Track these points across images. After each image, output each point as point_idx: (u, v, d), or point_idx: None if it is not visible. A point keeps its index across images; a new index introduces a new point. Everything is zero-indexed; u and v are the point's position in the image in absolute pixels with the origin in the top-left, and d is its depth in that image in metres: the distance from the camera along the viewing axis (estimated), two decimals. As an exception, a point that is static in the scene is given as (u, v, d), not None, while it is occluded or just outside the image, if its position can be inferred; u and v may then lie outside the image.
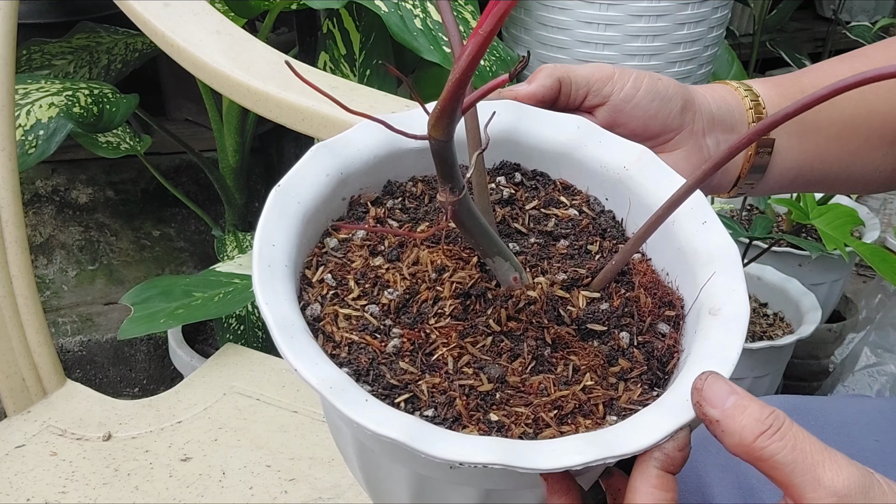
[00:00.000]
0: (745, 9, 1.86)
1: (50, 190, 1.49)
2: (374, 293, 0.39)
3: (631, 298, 0.41)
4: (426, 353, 0.37)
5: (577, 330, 0.39)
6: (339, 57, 1.16)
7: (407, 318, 0.38)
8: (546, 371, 0.37)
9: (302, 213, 0.40)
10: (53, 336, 1.43)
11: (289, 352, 0.35)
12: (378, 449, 0.38)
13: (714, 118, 0.52)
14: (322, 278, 0.40)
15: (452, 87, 0.29)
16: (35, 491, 0.71)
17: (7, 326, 0.79)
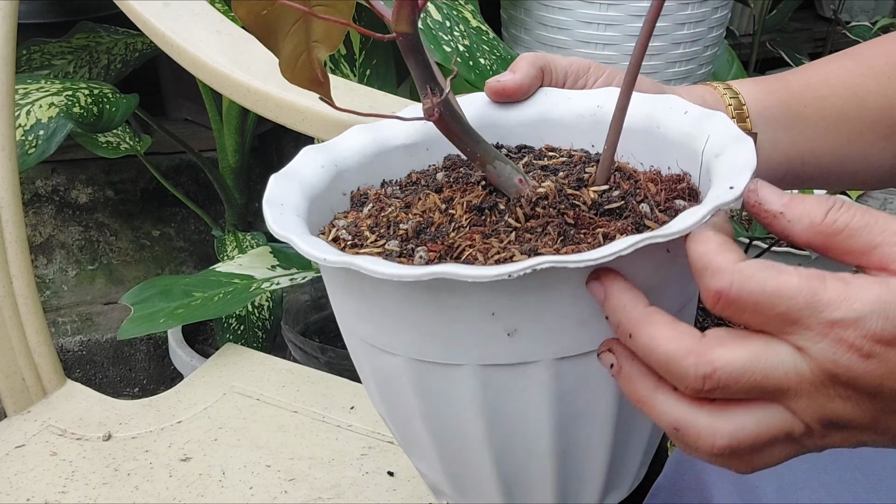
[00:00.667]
0: (745, 9, 1.86)
1: (50, 190, 1.49)
2: (391, 232, 0.40)
3: (640, 184, 0.40)
4: (454, 256, 0.37)
5: (596, 214, 0.38)
6: (339, 57, 1.16)
7: (427, 237, 0.39)
8: (577, 243, 0.37)
9: (306, 190, 0.41)
10: (53, 336, 1.43)
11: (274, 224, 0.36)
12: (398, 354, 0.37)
13: None
14: (337, 236, 0.40)
15: None
16: (35, 491, 0.71)
17: (7, 326, 0.79)
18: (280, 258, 1.08)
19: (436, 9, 1.07)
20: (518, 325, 0.35)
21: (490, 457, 0.39)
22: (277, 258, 1.08)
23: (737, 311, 0.33)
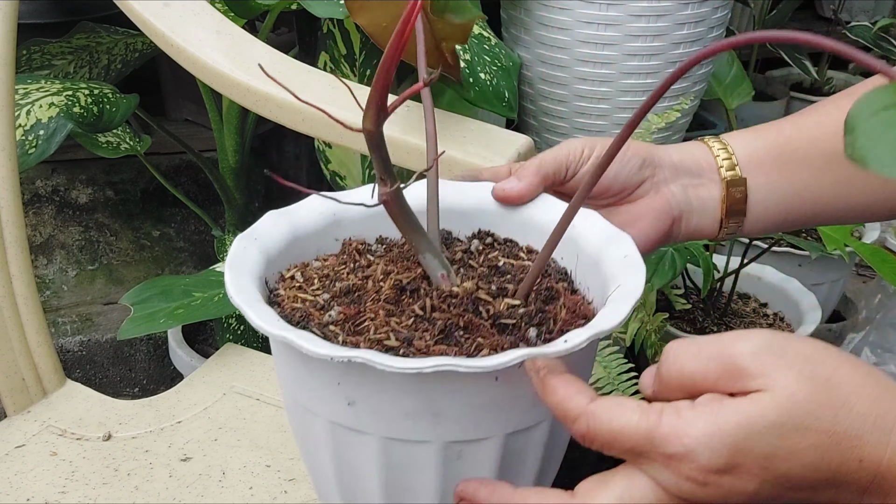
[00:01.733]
0: (745, 9, 1.86)
1: (50, 190, 1.49)
2: (330, 285, 0.47)
3: (549, 310, 0.46)
4: (355, 323, 0.44)
5: (491, 324, 0.44)
6: (340, 57, 1.16)
7: (348, 300, 0.46)
8: (452, 344, 0.42)
9: (264, 252, 0.48)
10: (53, 336, 1.43)
11: (231, 286, 0.42)
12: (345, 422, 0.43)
13: (677, 168, 0.57)
14: (293, 275, 0.48)
15: (377, 90, 0.35)
16: (35, 491, 0.71)
17: (7, 326, 0.79)
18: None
19: (436, 9, 1.07)
20: (356, 399, 0.41)
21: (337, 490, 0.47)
22: (277, 258, 1.08)
23: (602, 446, 0.38)
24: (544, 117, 1.31)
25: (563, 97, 1.27)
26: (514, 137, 0.70)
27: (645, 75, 1.23)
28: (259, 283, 0.46)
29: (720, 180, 0.57)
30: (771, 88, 1.89)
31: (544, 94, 1.28)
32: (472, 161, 0.67)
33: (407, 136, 0.69)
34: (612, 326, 0.40)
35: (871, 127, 0.31)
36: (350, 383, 0.41)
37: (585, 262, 0.49)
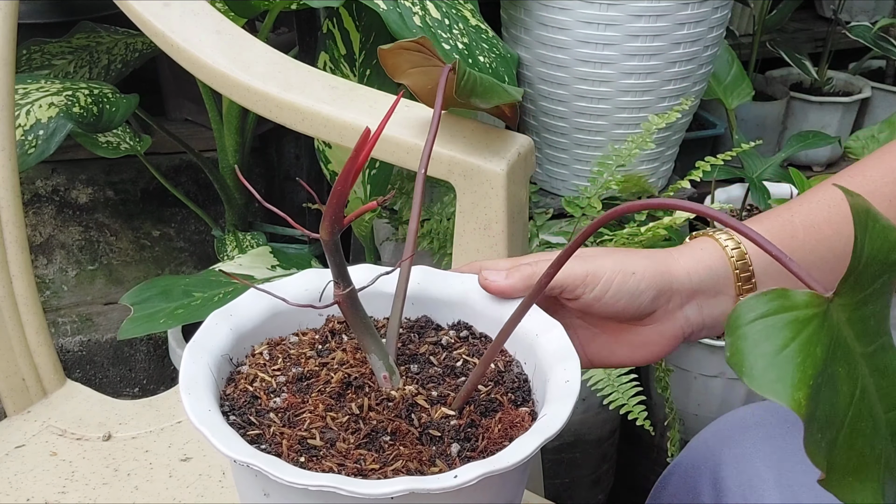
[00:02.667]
0: (745, 9, 1.86)
1: (50, 190, 1.49)
2: (288, 368, 0.50)
3: (483, 423, 0.46)
4: (294, 413, 0.47)
5: (420, 433, 0.45)
6: (339, 57, 1.16)
7: (296, 388, 0.48)
8: (373, 450, 0.44)
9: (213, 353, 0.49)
10: (53, 336, 1.43)
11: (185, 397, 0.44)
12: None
13: (694, 290, 0.55)
14: (261, 351, 0.51)
15: (333, 204, 0.39)
16: (35, 491, 0.71)
17: (7, 326, 0.79)
18: (280, 258, 1.08)
19: (435, 7, 1.07)
20: (270, 492, 0.43)
21: None
22: (277, 258, 1.08)
23: None
24: (544, 117, 1.31)
25: (563, 97, 1.27)
26: (514, 137, 0.70)
27: (645, 75, 1.23)
28: (217, 366, 0.48)
29: (735, 297, 0.55)
30: (771, 88, 1.89)
31: (544, 94, 1.28)
32: (472, 161, 0.67)
33: (407, 135, 0.69)
34: (508, 465, 0.40)
35: (747, 334, 0.31)
36: (264, 479, 0.42)
37: (539, 376, 0.49)
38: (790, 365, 0.31)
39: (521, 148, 0.69)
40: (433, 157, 0.68)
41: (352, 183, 0.38)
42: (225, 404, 0.47)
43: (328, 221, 0.40)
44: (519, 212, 0.71)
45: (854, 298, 0.34)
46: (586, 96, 1.25)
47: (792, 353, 0.31)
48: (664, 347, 0.56)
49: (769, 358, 0.31)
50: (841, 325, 0.33)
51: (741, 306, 0.32)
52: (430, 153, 0.54)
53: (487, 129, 0.71)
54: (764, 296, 0.32)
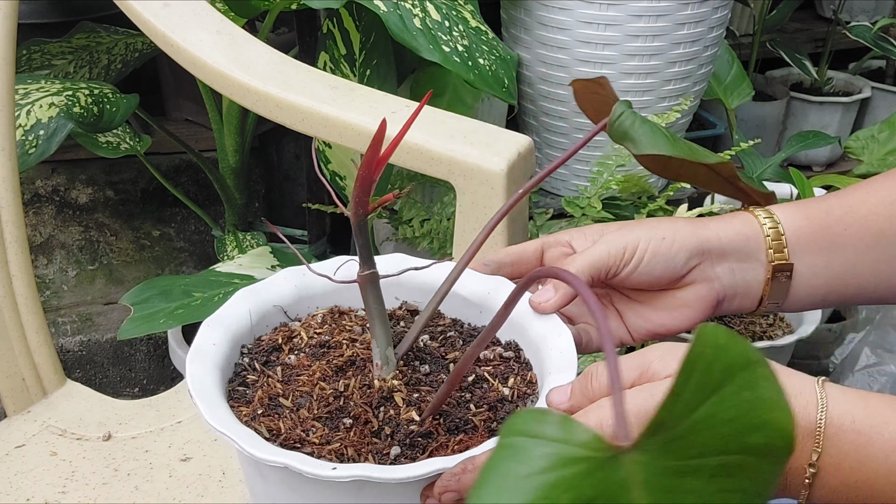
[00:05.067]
0: (745, 9, 1.86)
1: (50, 190, 1.49)
2: (325, 334, 0.53)
3: (440, 438, 0.47)
4: (297, 372, 0.50)
5: (378, 427, 0.47)
6: (339, 57, 1.16)
7: (313, 353, 0.51)
8: (327, 427, 0.46)
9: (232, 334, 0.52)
10: (53, 336, 1.43)
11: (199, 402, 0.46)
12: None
13: (724, 251, 0.56)
14: (319, 314, 0.55)
15: (359, 189, 0.42)
16: (35, 491, 0.71)
17: (7, 326, 0.79)
18: (280, 258, 1.08)
19: (435, 9, 1.07)
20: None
21: None
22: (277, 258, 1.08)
23: None
24: (544, 117, 1.31)
25: (563, 97, 1.27)
26: (514, 137, 0.70)
27: (645, 75, 1.23)
28: (233, 339, 0.51)
29: (767, 263, 0.56)
30: (771, 88, 1.89)
31: (544, 94, 1.28)
32: (471, 161, 0.67)
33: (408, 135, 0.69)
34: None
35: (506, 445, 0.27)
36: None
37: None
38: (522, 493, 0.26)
39: (521, 148, 0.69)
40: (433, 157, 0.68)
41: (376, 170, 0.41)
42: (252, 348, 0.51)
43: (355, 205, 0.42)
44: (519, 212, 0.71)
45: (664, 463, 0.28)
46: (586, 96, 1.25)
47: (534, 485, 0.26)
48: (699, 311, 0.56)
49: (512, 479, 0.26)
50: (630, 485, 0.27)
51: (519, 414, 0.28)
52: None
53: (487, 129, 0.71)
54: (545, 415, 0.28)
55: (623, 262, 0.54)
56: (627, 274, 0.54)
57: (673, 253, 0.54)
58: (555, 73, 1.25)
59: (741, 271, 0.56)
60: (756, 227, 0.56)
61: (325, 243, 1.39)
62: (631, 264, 0.54)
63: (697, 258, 0.55)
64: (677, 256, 0.54)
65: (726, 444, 0.28)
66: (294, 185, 1.63)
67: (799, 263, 0.56)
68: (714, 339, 0.28)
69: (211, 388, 0.47)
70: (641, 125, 0.53)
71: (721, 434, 0.28)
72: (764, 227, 0.56)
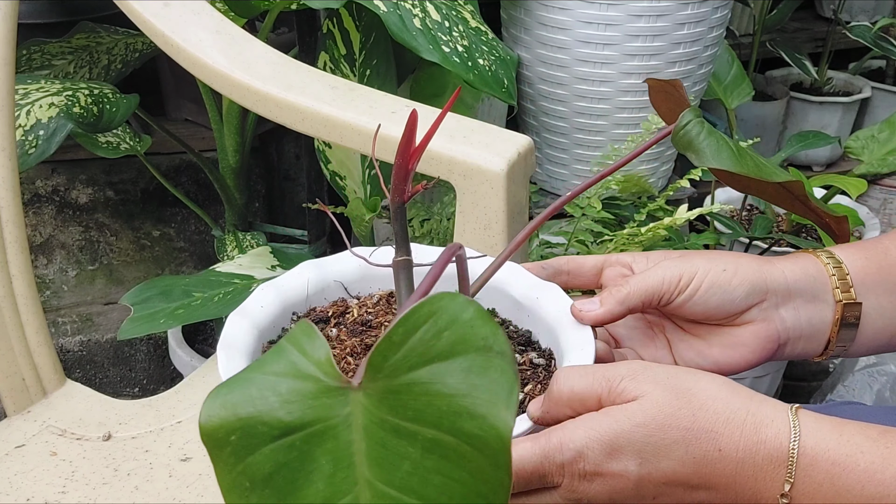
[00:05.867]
0: (745, 9, 1.86)
1: (50, 190, 1.49)
2: (375, 314, 0.54)
3: None
4: (331, 344, 0.51)
5: None
6: (339, 57, 1.16)
7: (354, 329, 0.53)
8: None
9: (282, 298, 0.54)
10: (53, 336, 1.43)
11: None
12: None
13: (790, 291, 0.54)
14: (377, 295, 0.56)
15: (397, 177, 0.44)
16: (35, 491, 0.71)
17: (7, 326, 0.79)
18: (280, 258, 1.08)
19: (435, 9, 1.07)
20: None
21: None
22: (277, 258, 1.08)
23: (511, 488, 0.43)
24: (544, 117, 1.31)
25: (563, 97, 1.27)
26: (514, 137, 0.70)
27: (645, 75, 1.22)
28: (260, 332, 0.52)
29: (834, 303, 0.54)
30: (771, 88, 1.89)
31: (544, 94, 1.28)
32: (471, 161, 0.67)
33: (407, 136, 0.69)
34: None
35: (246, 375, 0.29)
36: None
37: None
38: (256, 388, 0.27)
39: (521, 148, 0.69)
40: (433, 157, 0.68)
41: (412, 160, 0.43)
42: (302, 316, 0.54)
43: (395, 193, 0.45)
44: (519, 212, 0.71)
45: (382, 414, 0.28)
46: (586, 96, 1.25)
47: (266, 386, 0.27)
48: (757, 352, 0.54)
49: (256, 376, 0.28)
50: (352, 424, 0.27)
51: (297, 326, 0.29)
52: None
53: (488, 128, 0.71)
54: (314, 333, 0.29)
55: (678, 289, 0.52)
56: (682, 302, 0.52)
57: (733, 286, 0.52)
58: (555, 73, 1.25)
59: (807, 311, 0.54)
60: (820, 267, 0.54)
61: (325, 243, 1.39)
62: (686, 293, 0.52)
63: (759, 295, 0.53)
64: (737, 290, 0.52)
65: (440, 420, 0.27)
66: (294, 185, 1.63)
67: (865, 303, 0.54)
68: (459, 309, 0.28)
69: (241, 345, 0.48)
70: (707, 137, 0.52)
71: (436, 406, 0.27)
72: (828, 266, 0.54)
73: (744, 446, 0.42)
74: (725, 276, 0.52)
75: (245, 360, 0.48)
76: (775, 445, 0.42)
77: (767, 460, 0.42)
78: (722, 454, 0.42)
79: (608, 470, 0.42)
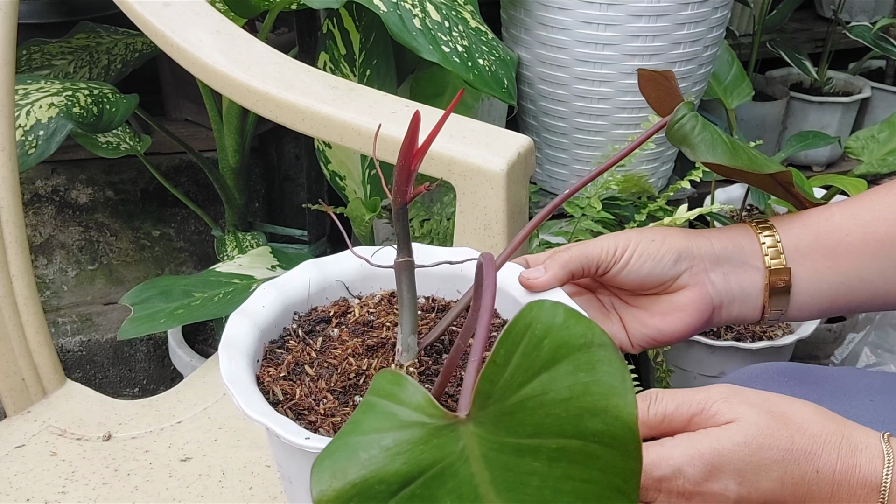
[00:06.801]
0: (745, 9, 1.86)
1: (50, 190, 1.49)
2: (377, 314, 0.54)
3: None
4: (334, 346, 0.52)
5: None
6: (339, 57, 1.16)
7: (355, 329, 0.53)
8: (335, 398, 0.49)
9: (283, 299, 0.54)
10: (53, 336, 1.43)
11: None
12: None
13: (717, 256, 0.57)
14: (378, 295, 0.56)
15: (399, 178, 0.44)
16: (35, 491, 0.71)
17: (7, 326, 0.79)
18: (280, 258, 1.08)
19: (435, 9, 1.07)
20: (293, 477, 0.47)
21: None
22: (277, 258, 1.08)
23: None
24: (544, 117, 1.31)
25: (563, 97, 1.27)
26: (514, 137, 0.70)
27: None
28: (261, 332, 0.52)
29: (764, 268, 0.57)
30: (771, 88, 1.89)
31: (544, 94, 1.28)
32: (471, 161, 0.67)
33: (407, 136, 0.69)
34: None
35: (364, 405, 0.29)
36: None
37: None
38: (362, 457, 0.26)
39: (521, 148, 0.69)
40: (433, 157, 0.68)
41: (414, 161, 0.44)
42: (303, 316, 0.54)
43: (397, 194, 0.45)
44: (519, 212, 0.71)
45: (500, 438, 0.27)
46: (586, 96, 1.25)
47: (371, 451, 0.26)
48: (693, 315, 0.57)
49: (352, 443, 0.27)
50: (469, 457, 0.27)
51: (378, 378, 0.28)
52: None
53: (488, 128, 0.71)
54: (399, 377, 0.28)
55: (613, 259, 0.56)
56: (616, 272, 0.56)
57: (661, 254, 0.56)
58: (555, 73, 1.25)
59: (737, 278, 0.57)
60: (752, 236, 0.58)
61: (325, 243, 1.39)
62: (620, 262, 0.56)
63: (687, 262, 0.56)
64: (665, 257, 0.56)
65: (562, 427, 0.27)
66: (294, 185, 1.63)
67: (799, 268, 0.56)
68: (550, 315, 0.28)
69: (242, 346, 0.49)
70: (702, 131, 0.53)
71: (555, 415, 0.27)
72: (760, 235, 0.57)
73: (840, 469, 0.43)
74: (654, 246, 0.56)
75: (246, 360, 0.48)
76: (870, 470, 0.43)
77: (861, 484, 0.43)
78: (819, 476, 0.43)
79: (708, 489, 0.43)
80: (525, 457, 0.27)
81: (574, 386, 0.27)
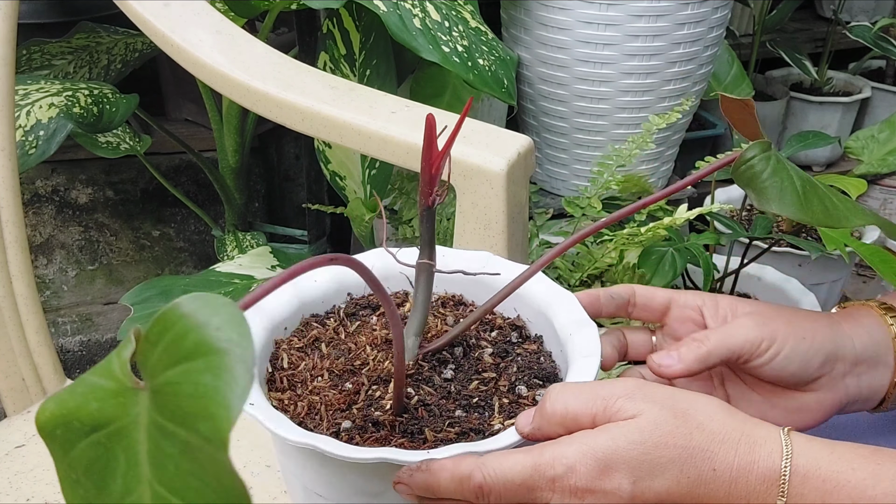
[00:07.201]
0: (745, 9, 1.86)
1: (50, 190, 1.49)
2: (353, 328, 0.55)
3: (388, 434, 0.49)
4: (346, 336, 0.53)
5: (361, 399, 0.49)
6: (339, 57, 1.16)
7: (366, 315, 0.55)
8: (339, 383, 0.50)
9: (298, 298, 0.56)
10: (53, 336, 1.43)
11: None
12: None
13: (858, 358, 0.53)
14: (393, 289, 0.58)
15: (424, 181, 0.47)
16: (35, 491, 0.71)
17: (7, 326, 0.79)
18: (280, 258, 1.08)
19: (435, 9, 1.07)
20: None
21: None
22: (277, 258, 1.08)
23: (498, 495, 0.42)
24: (544, 117, 1.31)
25: (563, 97, 1.27)
26: (514, 137, 0.70)
27: (645, 75, 1.23)
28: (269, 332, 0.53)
29: (893, 364, 0.54)
30: (771, 88, 1.89)
31: (544, 94, 1.28)
32: (471, 161, 0.67)
33: (408, 135, 0.69)
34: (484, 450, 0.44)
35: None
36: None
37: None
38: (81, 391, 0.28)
39: (521, 148, 0.69)
40: (433, 158, 0.68)
41: (435, 164, 0.46)
42: (358, 299, 0.56)
43: (422, 196, 0.47)
44: (519, 212, 0.71)
45: (154, 415, 0.28)
46: (586, 96, 1.25)
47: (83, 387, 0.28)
48: (819, 417, 0.53)
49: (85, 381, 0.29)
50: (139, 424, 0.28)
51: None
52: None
53: (488, 128, 0.71)
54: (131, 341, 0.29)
55: (757, 353, 0.52)
56: (758, 366, 0.52)
57: (810, 356, 0.52)
58: (555, 73, 1.25)
59: (868, 377, 0.54)
60: (884, 329, 0.54)
61: (326, 243, 1.39)
62: (765, 357, 0.51)
63: (831, 364, 0.52)
64: (813, 360, 0.52)
65: (186, 421, 0.27)
66: (294, 185, 1.63)
67: None
68: (206, 314, 0.28)
69: (269, 309, 0.52)
70: (772, 176, 0.47)
71: (183, 408, 0.27)
72: (892, 328, 0.54)
73: (738, 466, 0.42)
74: (804, 345, 0.52)
75: (265, 322, 0.51)
76: (768, 465, 0.42)
77: (760, 480, 0.42)
78: (716, 474, 0.42)
79: (600, 487, 0.42)
80: (167, 439, 0.28)
81: (198, 386, 0.27)
